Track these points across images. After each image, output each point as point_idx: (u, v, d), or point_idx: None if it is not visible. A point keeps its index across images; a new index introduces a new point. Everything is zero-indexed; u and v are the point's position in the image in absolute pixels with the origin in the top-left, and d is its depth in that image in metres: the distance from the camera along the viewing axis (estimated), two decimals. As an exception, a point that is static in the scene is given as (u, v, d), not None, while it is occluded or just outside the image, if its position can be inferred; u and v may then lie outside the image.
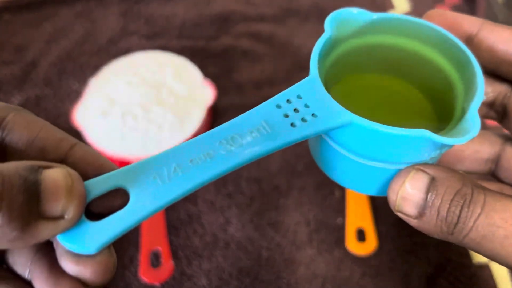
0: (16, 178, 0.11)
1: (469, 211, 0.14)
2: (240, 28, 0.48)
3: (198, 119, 0.34)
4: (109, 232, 0.12)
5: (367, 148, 0.15)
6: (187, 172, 0.13)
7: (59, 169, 0.12)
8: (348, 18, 0.17)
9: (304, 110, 0.14)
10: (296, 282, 0.32)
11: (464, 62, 0.15)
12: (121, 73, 0.37)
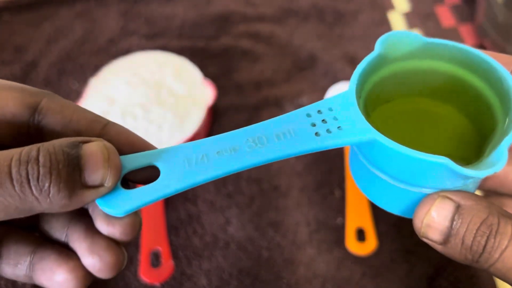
0: (60, 154, 0.13)
1: (496, 242, 0.14)
2: (240, 28, 0.48)
3: (198, 119, 0.34)
4: (137, 201, 0.14)
5: (390, 167, 0.15)
6: (212, 161, 0.15)
7: (96, 143, 0.14)
8: (401, 40, 0.17)
9: (331, 122, 0.15)
10: (296, 282, 0.32)
11: (508, 97, 0.15)
12: (121, 73, 0.37)
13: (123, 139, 0.16)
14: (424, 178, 0.15)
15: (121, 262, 0.15)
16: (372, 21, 0.48)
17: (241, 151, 0.15)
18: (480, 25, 0.43)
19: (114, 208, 0.14)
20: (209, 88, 0.36)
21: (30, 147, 0.13)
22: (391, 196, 0.17)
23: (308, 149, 0.15)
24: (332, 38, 0.47)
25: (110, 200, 0.14)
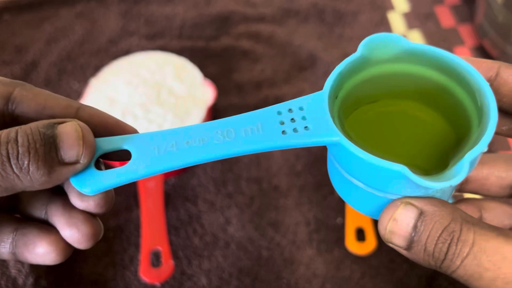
0: (37, 134, 0.14)
1: (457, 249, 0.13)
2: (240, 29, 0.48)
3: (198, 119, 0.35)
4: (107, 181, 0.15)
5: (356, 170, 0.16)
6: (181, 150, 0.16)
7: (70, 123, 0.15)
8: (384, 43, 0.17)
9: (300, 122, 0.16)
10: (296, 282, 0.32)
11: (484, 108, 0.15)
12: (121, 73, 0.37)
13: (97, 121, 0.16)
14: (386, 184, 0.15)
15: (98, 233, 0.16)
16: (372, 21, 0.48)
17: (209, 143, 0.16)
18: (480, 25, 0.43)
19: (86, 187, 0.15)
20: (209, 88, 0.37)
21: (9, 130, 0.14)
22: (360, 198, 0.17)
23: (273, 146, 0.16)
24: (332, 38, 0.47)
25: (83, 180, 0.15)
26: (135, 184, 0.37)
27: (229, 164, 0.38)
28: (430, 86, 0.17)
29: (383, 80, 0.17)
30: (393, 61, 0.17)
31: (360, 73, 0.17)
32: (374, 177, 0.15)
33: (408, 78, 0.17)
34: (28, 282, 0.31)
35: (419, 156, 0.16)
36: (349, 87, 0.17)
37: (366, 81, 0.17)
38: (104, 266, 0.33)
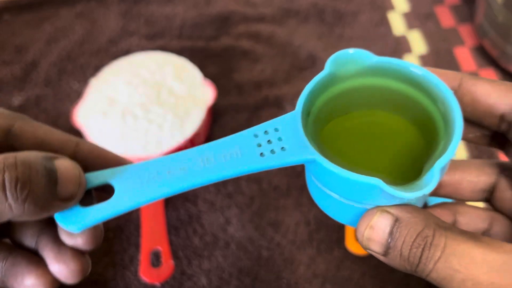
0: (38, 165, 0.13)
1: (430, 253, 0.14)
2: (240, 29, 0.48)
3: (198, 119, 0.35)
4: (92, 218, 0.15)
5: (332, 185, 0.16)
6: (162, 180, 0.16)
7: (67, 160, 0.14)
8: (351, 58, 0.17)
9: (276, 143, 0.16)
10: (296, 282, 0.32)
11: (450, 118, 0.16)
12: (121, 73, 0.37)
13: (95, 156, 0.17)
14: (363, 196, 0.15)
15: (85, 270, 0.16)
16: (372, 22, 0.48)
17: (190, 170, 0.16)
18: (480, 25, 0.43)
19: (71, 224, 0.15)
20: (209, 88, 0.37)
21: (5, 155, 0.13)
22: (338, 209, 0.18)
23: (252, 169, 0.16)
24: (332, 38, 0.47)
25: (67, 217, 0.15)
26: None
27: (229, 164, 0.38)
28: (398, 97, 0.17)
29: (353, 93, 0.18)
30: (361, 75, 0.17)
31: (330, 89, 0.18)
32: (351, 190, 0.15)
33: (377, 90, 0.18)
34: (28, 282, 0.31)
35: (393, 164, 0.16)
36: (321, 103, 0.18)
37: (336, 96, 0.18)
38: (104, 266, 0.33)
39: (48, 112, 0.43)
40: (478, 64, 0.44)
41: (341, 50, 0.17)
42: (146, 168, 0.16)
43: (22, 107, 0.43)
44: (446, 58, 0.44)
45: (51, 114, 0.43)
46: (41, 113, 0.43)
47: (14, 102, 0.44)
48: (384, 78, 0.17)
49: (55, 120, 0.42)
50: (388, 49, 0.45)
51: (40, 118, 0.42)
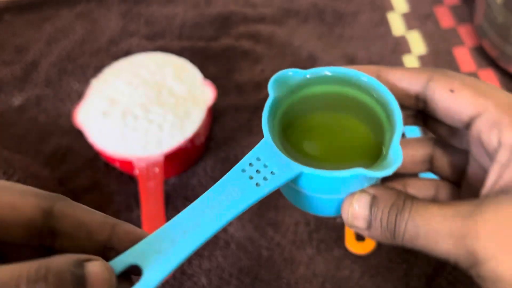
0: (67, 274, 0.13)
1: (401, 218, 0.17)
2: (240, 29, 0.48)
3: (198, 119, 0.35)
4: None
5: (320, 187, 0.18)
6: (181, 243, 0.16)
7: (98, 263, 0.14)
8: (287, 78, 0.19)
9: (264, 170, 0.18)
10: (296, 281, 0.32)
11: (385, 102, 0.18)
12: (122, 74, 0.37)
13: (132, 238, 0.17)
14: (346, 187, 0.18)
15: None
16: (371, 22, 0.48)
17: (203, 223, 0.17)
18: (479, 26, 0.43)
19: None
20: (209, 88, 0.37)
21: (38, 266, 0.13)
22: (319, 205, 0.19)
23: (256, 199, 0.18)
24: (332, 39, 0.47)
25: None
26: (136, 184, 0.37)
27: (229, 164, 0.38)
28: (343, 99, 0.20)
29: (303, 102, 0.20)
30: (304, 87, 0.20)
31: (282, 105, 0.20)
32: (334, 186, 0.18)
33: (322, 96, 0.20)
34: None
35: (349, 158, 0.19)
36: (282, 113, 0.20)
37: (289, 109, 0.20)
38: (105, 266, 0.33)
39: (48, 112, 0.43)
40: (477, 65, 0.44)
41: (278, 73, 0.19)
42: (164, 235, 0.16)
43: (22, 107, 0.43)
44: (445, 58, 0.44)
45: (51, 114, 0.43)
46: (41, 113, 0.43)
47: (15, 102, 0.44)
48: (325, 84, 0.20)
49: (56, 120, 0.42)
50: (387, 49, 0.45)
51: (40, 118, 0.42)
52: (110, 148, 0.34)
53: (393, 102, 0.18)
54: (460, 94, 0.17)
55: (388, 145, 0.18)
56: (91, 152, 0.39)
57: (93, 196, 0.37)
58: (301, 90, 0.20)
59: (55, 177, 0.38)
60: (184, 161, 0.37)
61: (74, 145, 0.40)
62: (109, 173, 0.38)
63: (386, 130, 0.18)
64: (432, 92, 0.18)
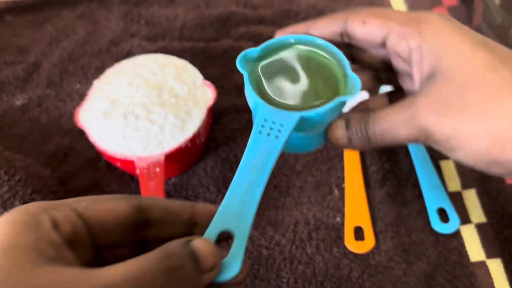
0: (183, 252, 0.16)
1: (369, 126, 0.21)
2: (240, 30, 0.48)
3: (199, 120, 0.35)
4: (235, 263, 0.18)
5: (311, 125, 0.22)
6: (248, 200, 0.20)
7: (199, 239, 0.17)
8: (251, 55, 0.25)
9: (274, 126, 0.21)
10: (295, 280, 0.32)
11: (332, 52, 0.24)
12: (123, 75, 0.37)
13: (208, 213, 0.19)
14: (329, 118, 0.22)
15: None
16: (371, 23, 0.48)
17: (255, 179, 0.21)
18: (478, 27, 0.43)
19: (224, 275, 0.17)
20: (209, 89, 0.37)
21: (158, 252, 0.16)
22: (302, 143, 0.24)
23: (280, 148, 0.21)
24: (331, 39, 0.47)
25: (220, 273, 0.18)
26: (137, 184, 0.37)
27: (229, 164, 0.38)
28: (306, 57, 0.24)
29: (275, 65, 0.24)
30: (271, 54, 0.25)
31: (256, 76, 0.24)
32: (321, 120, 0.22)
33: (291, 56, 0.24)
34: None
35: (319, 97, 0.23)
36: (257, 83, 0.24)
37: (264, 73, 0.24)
38: (106, 265, 0.34)
39: (50, 112, 0.43)
40: (476, 65, 0.44)
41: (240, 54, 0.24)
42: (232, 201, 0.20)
43: (24, 107, 0.43)
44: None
45: (53, 114, 0.43)
46: (43, 114, 0.43)
47: (16, 103, 0.44)
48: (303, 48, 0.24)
49: (57, 120, 0.42)
50: (387, 50, 0.46)
51: (41, 118, 0.43)
52: (111, 148, 0.34)
53: (335, 48, 0.23)
54: (370, 23, 0.22)
55: (345, 77, 0.22)
56: (92, 152, 0.39)
57: (94, 196, 0.37)
58: (269, 56, 0.24)
59: (57, 177, 0.38)
60: (185, 161, 0.37)
61: (75, 145, 0.40)
62: (110, 173, 0.38)
63: (338, 72, 0.23)
64: (351, 28, 0.23)
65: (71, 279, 0.14)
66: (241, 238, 0.18)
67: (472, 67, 0.18)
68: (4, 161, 0.36)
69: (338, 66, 0.23)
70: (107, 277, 0.14)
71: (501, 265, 0.32)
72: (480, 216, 0.35)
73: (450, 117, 0.18)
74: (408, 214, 0.35)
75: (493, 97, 0.17)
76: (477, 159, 0.18)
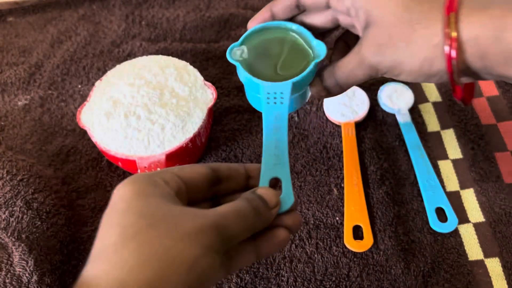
0: (254, 197, 0.22)
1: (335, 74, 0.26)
2: (240, 31, 0.49)
3: (200, 120, 0.35)
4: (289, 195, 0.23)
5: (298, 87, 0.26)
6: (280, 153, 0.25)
7: (260, 187, 0.23)
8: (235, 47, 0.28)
9: (278, 95, 0.26)
10: (295, 279, 0.32)
11: (300, 32, 0.28)
12: (125, 75, 0.38)
13: (256, 167, 0.24)
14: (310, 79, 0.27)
15: None
16: (370, 24, 0.48)
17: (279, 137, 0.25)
18: None
19: (284, 206, 0.23)
20: (210, 89, 0.37)
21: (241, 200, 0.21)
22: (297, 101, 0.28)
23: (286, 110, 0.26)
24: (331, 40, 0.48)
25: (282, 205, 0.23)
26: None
27: (230, 164, 0.39)
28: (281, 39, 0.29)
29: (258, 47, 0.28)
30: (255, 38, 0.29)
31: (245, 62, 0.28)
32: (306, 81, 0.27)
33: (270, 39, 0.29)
34: (32, 279, 0.31)
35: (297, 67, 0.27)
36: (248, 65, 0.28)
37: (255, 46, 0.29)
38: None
39: (52, 112, 0.43)
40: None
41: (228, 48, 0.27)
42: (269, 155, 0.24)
43: (26, 108, 0.44)
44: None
45: (55, 115, 0.43)
46: (45, 114, 0.43)
47: (19, 103, 0.44)
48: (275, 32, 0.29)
49: (59, 120, 0.43)
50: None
51: (44, 119, 0.43)
52: (113, 148, 0.34)
53: (297, 26, 0.28)
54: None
55: (311, 45, 0.27)
56: (94, 152, 0.40)
57: (96, 195, 0.37)
58: (252, 41, 0.29)
59: (59, 176, 0.38)
60: (186, 160, 0.37)
61: (77, 145, 0.41)
62: (112, 173, 0.39)
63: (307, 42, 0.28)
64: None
65: (196, 212, 0.19)
66: (286, 179, 0.24)
67: (392, 11, 0.23)
68: (7, 161, 0.37)
69: (304, 39, 0.28)
70: (218, 212, 0.20)
71: (499, 264, 0.33)
72: (478, 215, 0.35)
73: (387, 53, 0.23)
74: (406, 214, 0.35)
75: (410, 29, 0.22)
76: (416, 76, 0.23)
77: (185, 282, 0.17)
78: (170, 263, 0.17)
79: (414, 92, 0.42)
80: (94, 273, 0.17)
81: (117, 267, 0.17)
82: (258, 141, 0.40)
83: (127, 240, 0.18)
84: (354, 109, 0.40)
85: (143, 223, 0.18)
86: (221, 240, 0.19)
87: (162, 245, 0.18)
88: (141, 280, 0.17)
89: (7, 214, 0.33)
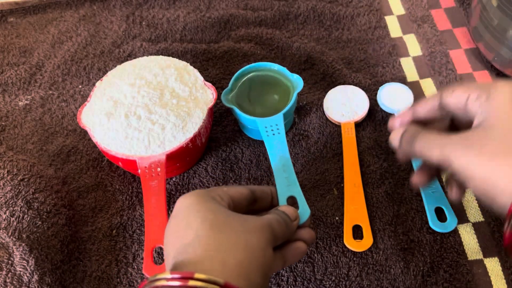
0: (281, 213, 0.26)
1: (415, 138, 0.27)
2: (241, 32, 0.49)
3: (200, 120, 0.35)
4: (305, 209, 0.29)
5: (288, 115, 0.36)
6: (288, 176, 0.30)
7: (283, 205, 0.28)
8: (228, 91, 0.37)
9: (274, 127, 0.33)
10: (295, 279, 0.33)
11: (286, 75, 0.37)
12: (125, 76, 0.38)
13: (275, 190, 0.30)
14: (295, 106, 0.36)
15: None
16: (369, 25, 0.49)
17: (283, 159, 0.32)
18: (475, 28, 0.44)
19: (303, 219, 0.28)
20: (210, 90, 0.37)
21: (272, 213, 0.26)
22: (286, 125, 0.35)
23: (283, 139, 0.33)
24: (330, 41, 0.48)
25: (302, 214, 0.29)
26: (138, 183, 0.38)
27: (230, 164, 0.39)
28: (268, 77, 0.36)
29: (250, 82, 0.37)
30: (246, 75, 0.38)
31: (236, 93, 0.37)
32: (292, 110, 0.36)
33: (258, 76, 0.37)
34: (33, 279, 0.31)
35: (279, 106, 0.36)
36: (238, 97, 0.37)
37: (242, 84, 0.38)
38: (108, 264, 0.34)
39: (53, 113, 0.43)
40: (473, 67, 0.44)
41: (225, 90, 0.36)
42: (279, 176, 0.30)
43: (27, 108, 0.44)
44: (441, 60, 0.45)
45: (56, 115, 0.43)
46: (46, 114, 0.43)
47: (19, 104, 0.44)
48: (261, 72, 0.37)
49: (60, 120, 0.43)
50: (384, 51, 0.46)
51: (45, 119, 0.43)
52: (114, 148, 0.34)
53: (275, 65, 0.36)
54: (457, 90, 0.27)
55: (290, 80, 0.36)
56: (95, 152, 0.40)
57: (96, 195, 0.38)
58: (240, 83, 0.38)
59: (59, 176, 0.39)
60: (186, 160, 0.37)
61: (78, 145, 0.41)
62: (112, 173, 0.39)
63: (285, 79, 0.35)
64: (444, 98, 0.27)
65: (251, 216, 0.24)
66: (300, 197, 0.29)
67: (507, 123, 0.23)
68: (7, 161, 0.37)
69: (282, 76, 0.35)
70: (266, 217, 0.25)
71: (498, 263, 0.33)
72: (477, 215, 0.35)
73: (469, 154, 0.23)
74: (406, 213, 0.35)
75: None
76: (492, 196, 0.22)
77: (262, 265, 0.22)
78: (251, 249, 0.22)
79: (413, 92, 0.42)
80: (192, 257, 0.21)
81: (215, 249, 0.22)
82: (257, 141, 0.40)
83: (218, 231, 0.22)
84: (353, 109, 0.41)
85: (221, 218, 0.23)
86: (273, 237, 0.24)
87: (242, 235, 0.23)
88: (237, 260, 0.21)
89: (8, 214, 0.33)
